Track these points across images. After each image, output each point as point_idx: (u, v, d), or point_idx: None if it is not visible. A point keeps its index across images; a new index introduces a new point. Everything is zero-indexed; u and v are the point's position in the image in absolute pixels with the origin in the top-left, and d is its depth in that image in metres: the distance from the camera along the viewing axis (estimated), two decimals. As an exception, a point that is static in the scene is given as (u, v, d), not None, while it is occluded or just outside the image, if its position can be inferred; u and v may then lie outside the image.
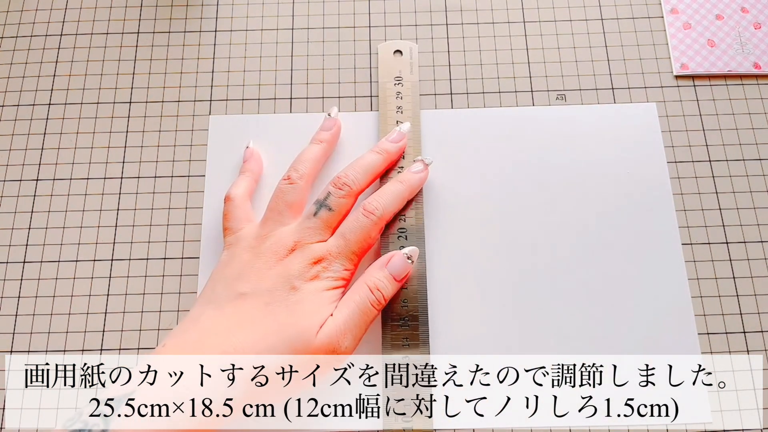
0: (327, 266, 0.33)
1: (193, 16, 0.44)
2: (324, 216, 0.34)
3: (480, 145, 0.40)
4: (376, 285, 0.33)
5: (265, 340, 0.30)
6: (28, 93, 0.42)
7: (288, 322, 0.31)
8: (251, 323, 0.31)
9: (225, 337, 0.30)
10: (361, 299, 0.33)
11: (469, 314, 0.36)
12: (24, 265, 0.38)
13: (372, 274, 0.34)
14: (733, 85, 0.41)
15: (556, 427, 0.34)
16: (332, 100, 0.41)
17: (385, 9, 0.44)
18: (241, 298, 0.32)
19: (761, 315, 0.36)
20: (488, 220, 0.38)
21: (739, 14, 0.42)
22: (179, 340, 0.31)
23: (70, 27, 0.44)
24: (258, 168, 0.39)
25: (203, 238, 0.38)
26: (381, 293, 0.33)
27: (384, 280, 0.34)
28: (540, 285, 0.36)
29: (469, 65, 0.42)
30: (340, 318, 0.32)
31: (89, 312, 0.37)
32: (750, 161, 0.39)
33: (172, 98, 0.42)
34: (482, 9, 0.43)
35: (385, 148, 0.37)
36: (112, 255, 0.38)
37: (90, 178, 0.40)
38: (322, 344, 0.31)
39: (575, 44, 0.42)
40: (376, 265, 0.35)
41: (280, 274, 0.33)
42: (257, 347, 0.30)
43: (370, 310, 0.33)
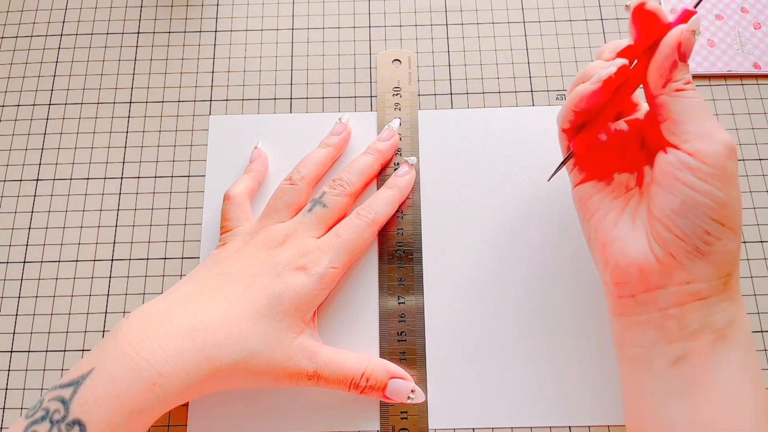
0: (315, 260, 0.33)
1: (193, 16, 0.44)
2: (318, 212, 0.35)
3: (479, 145, 0.40)
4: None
5: (237, 324, 0.30)
6: (28, 93, 0.42)
7: (265, 315, 0.31)
8: (228, 303, 0.31)
9: (195, 311, 0.30)
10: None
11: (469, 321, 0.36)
12: (24, 265, 0.38)
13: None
14: (733, 85, 0.41)
15: (556, 426, 0.34)
16: (332, 100, 0.41)
17: (385, 9, 0.44)
18: (222, 277, 0.32)
19: (761, 315, 0.36)
20: (487, 220, 0.38)
21: (739, 14, 0.42)
22: (147, 311, 0.30)
23: (70, 27, 0.44)
24: (263, 169, 0.39)
25: (203, 238, 0.38)
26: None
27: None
28: (541, 284, 0.36)
29: (469, 65, 0.42)
30: (324, 354, 0.32)
31: (89, 312, 0.37)
32: (750, 161, 0.39)
33: (172, 98, 0.42)
34: (482, 9, 0.43)
35: (376, 148, 0.38)
36: (112, 255, 0.38)
37: (90, 178, 0.40)
38: (295, 355, 0.31)
39: (575, 44, 0.42)
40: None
41: (266, 261, 0.33)
42: (228, 329, 0.30)
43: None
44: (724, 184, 0.26)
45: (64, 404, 0.26)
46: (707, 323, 0.27)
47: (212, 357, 0.29)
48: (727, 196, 0.26)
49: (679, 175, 0.27)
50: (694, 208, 0.27)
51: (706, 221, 0.26)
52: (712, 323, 0.27)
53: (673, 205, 0.27)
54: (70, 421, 0.26)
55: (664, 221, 0.27)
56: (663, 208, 0.27)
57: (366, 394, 0.33)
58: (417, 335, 0.35)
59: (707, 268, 0.27)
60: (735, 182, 0.27)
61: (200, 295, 0.31)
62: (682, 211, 0.27)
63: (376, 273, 0.37)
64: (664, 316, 0.27)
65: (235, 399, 0.34)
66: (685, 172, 0.27)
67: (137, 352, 0.27)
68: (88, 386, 0.27)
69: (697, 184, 0.26)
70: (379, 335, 0.35)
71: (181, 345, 0.28)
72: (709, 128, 0.27)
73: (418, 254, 0.37)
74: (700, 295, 0.27)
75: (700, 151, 0.27)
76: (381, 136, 0.39)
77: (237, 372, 0.29)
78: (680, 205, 0.27)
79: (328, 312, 0.36)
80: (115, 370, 0.27)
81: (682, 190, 0.27)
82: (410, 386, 0.33)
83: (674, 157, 0.27)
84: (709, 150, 0.26)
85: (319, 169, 0.38)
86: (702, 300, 0.27)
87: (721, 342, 0.27)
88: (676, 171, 0.27)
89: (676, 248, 0.27)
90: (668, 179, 0.27)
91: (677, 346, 0.27)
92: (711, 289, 0.27)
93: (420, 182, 0.39)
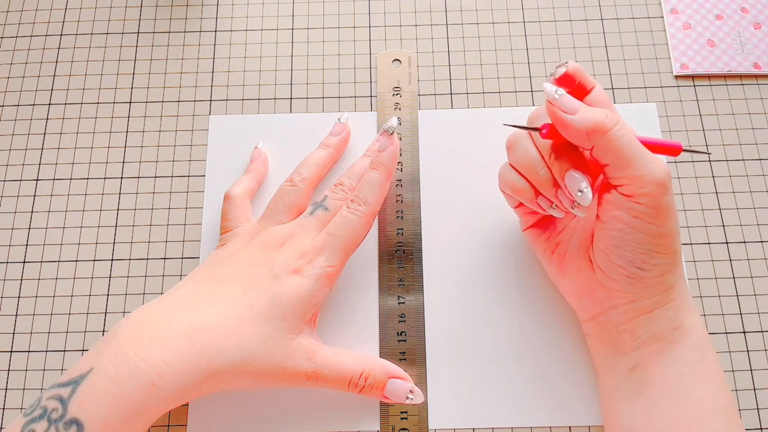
0: (311, 260, 0.33)
1: (193, 16, 0.44)
2: (319, 215, 0.34)
3: (479, 145, 0.40)
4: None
5: (236, 325, 0.30)
6: (28, 93, 0.42)
7: (264, 316, 0.31)
8: (227, 304, 0.31)
9: (194, 312, 0.30)
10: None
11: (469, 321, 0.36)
12: (24, 265, 0.38)
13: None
14: (733, 85, 0.41)
15: (556, 426, 0.34)
16: (332, 100, 0.41)
17: (385, 9, 0.44)
18: (221, 278, 0.32)
19: (761, 315, 0.36)
20: (487, 220, 0.38)
21: (739, 14, 0.42)
22: (146, 312, 0.30)
23: (70, 27, 0.44)
24: (263, 169, 0.39)
25: (203, 238, 0.38)
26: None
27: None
28: (541, 284, 0.36)
29: (469, 65, 0.42)
30: (323, 352, 0.32)
31: (89, 312, 0.37)
32: (750, 161, 0.39)
33: (172, 98, 0.42)
34: (482, 9, 0.43)
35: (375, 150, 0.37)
36: (112, 255, 0.38)
37: (90, 178, 0.40)
38: (294, 355, 0.31)
39: (575, 44, 0.42)
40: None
41: (264, 262, 0.33)
42: (227, 331, 0.30)
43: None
44: (659, 219, 0.28)
45: (63, 403, 0.26)
46: (654, 332, 0.30)
47: (211, 358, 0.29)
48: (663, 228, 0.29)
49: (617, 214, 0.29)
50: (630, 242, 0.29)
51: (643, 251, 0.29)
52: (659, 332, 0.30)
53: (613, 240, 0.29)
54: (68, 420, 0.26)
55: (605, 252, 0.30)
56: (604, 241, 0.30)
57: (365, 394, 0.33)
58: (417, 335, 0.35)
59: (646, 289, 0.30)
60: (670, 213, 0.29)
61: (199, 296, 0.31)
62: (620, 244, 0.29)
63: (376, 273, 0.37)
64: (619, 332, 0.31)
65: (235, 399, 0.34)
66: (622, 212, 0.29)
67: (136, 353, 0.27)
68: (86, 386, 0.27)
69: (633, 222, 0.29)
70: (379, 335, 0.35)
71: (179, 346, 0.28)
72: (643, 168, 0.28)
73: (418, 254, 0.37)
74: (645, 310, 0.30)
75: (635, 193, 0.28)
76: (378, 138, 0.38)
77: (236, 373, 0.29)
78: (618, 239, 0.29)
79: (328, 312, 0.36)
80: (114, 370, 0.27)
81: (619, 227, 0.29)
82: (409, 386, 0.33)
83: (613, 197, 0.29)
84: (644, 191, 0.28)
85: (320, 171, 0.38)
86: (647, 314, 0.30)
87: (669, 346, 0.30)
88: (614, 210, 0.29)
89: (617, 275, 0.30)
90: (608, 216, 0.30)
91: (632, 355, 0.31)
92: (653, 303, 0.30)
93: (420, 182, 0.39)
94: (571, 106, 0.29)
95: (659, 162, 0.28)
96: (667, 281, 0.30)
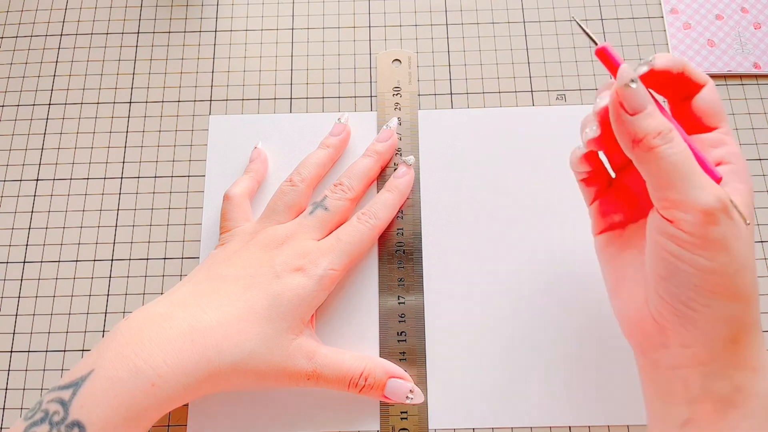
0: (314, 261, 0.33)
1: (193, 16, 0.44)
2: (319, 215, 0.35)
3: (479, 145, 0.40)
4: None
5: (236, 325, 0.30)
6: (28, 93, 0.42)
7: (264, 316, 0.31)
8: (227, 305, 0.31)
9: (194, 312, 0.30)
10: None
11: (469, 321, 0.36)
12: (24, 265, 0.38)
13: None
14: (733, 85, 0.41)
15: (556, 425, 0.34)
16: (332, 100, 0.41)
17: (385, 9, 0.44)
18: (221, 278, 0.32)
19: (761, 315, 0.36)
20: (487, 221, 0.38)
21: (739, 14, 0.42)
22: (146, 313, 0.30)
23: (70, 27, 0.44)
24: (262, 169, 0.39)
25: (203, 238, 0.38)
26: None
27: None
28: (541, 284, 0.36)
29: (469, 65, 0.42)
30: (322, 353, 0.32)
31: (89, 312, 0.37)
32: (750, 161, 0.39)
33: (172, 98, 0.42)
34: (482, 9, 0.43)
35: (375, 150, 0.38)
36: (112, 255, 0.38)
37: (90, 178, 0.40)
38: (294, 355, 0.31)
39: (575, 44, 0.42)
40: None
41: (265, 261, 0.33)
42: (227, 331, 0.30)
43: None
44: (709, 251, 0.24)
45: (64, 406, 0.26)
46: (709, 389, 0.25)
47: (211, 358, 0.29)
48: (714, 262, 0.24)
49: (660, 240, 0.26)
50: (675, 274, 0.25)
51: (691, 288, 0.25)
52: (715, 390, 0.25)
53: (658, 269, 0.26)
54: (69, 422, 0.26)
55: (652, 282, 0.26)
56: (651, 269, 0.26)
57: (365, 394, 0.33)
58: (417, 335, 0.35)
59: (698, 334, 0.25)
60: (723, 246, 0.24)
61: (199, 296, 0.31)
62: (666, 275, 0.26)
63: (376, 273, 0.37)
64: (672, 377, 0.26)
65: (235, 399, 0.34)
66: (665, 239, 0.25)
67: (136, 354, 0.27)
68: (87, 387, 0.27)
69: (676, 251, 0.25)
70: (379, 335, 0.35)
71: (180, 346, 0.28)
72: (686, 193, 0.24)
73: (418, 254, 0.37)
74: (699, 359, 0.25)
75: (678, 219, 0.25)
76: (379, 137, 0.39)
77: (236, 373, 0.29)
78: (664, 269, 0.26)
79: (328, 312, 0.36)
80: (114, 371, 0.27)
81: (663, 255, 0.25)
82: (409, 386, 0.33)
83: (656, 220, 0.26)
84: (687, 218, 0.24)
85: (320, 171, 0.38)
86: (702, 365, 0.25)
87: (729, 409, 0.25)
88: (657, 236, 0.26)
89: (664, 310, 0.26)
90: (653, 242, 0.26)
91: (684, 409, 0.26)
92: (709, 354, 0.25)
93: (420, 182, 0.39)
94: (635, 104, 0.25)
95: (711, 188, 0.24)
96: (726, 331, 0.25)
